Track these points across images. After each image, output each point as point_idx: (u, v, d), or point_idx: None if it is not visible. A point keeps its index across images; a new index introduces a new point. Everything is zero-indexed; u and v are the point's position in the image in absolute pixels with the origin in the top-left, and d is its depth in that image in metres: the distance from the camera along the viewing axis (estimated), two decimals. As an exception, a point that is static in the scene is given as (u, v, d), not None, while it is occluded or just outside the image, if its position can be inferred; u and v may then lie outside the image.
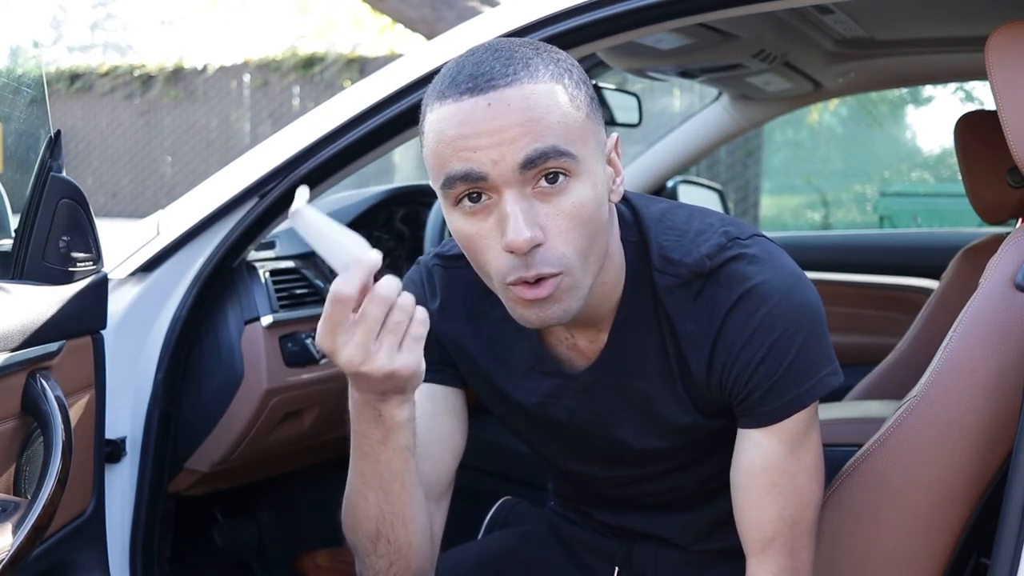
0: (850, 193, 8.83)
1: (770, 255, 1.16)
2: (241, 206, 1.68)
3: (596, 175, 1.07)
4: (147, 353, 1.70)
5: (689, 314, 1.16)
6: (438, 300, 1.28)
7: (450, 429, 1.27)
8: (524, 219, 1.03)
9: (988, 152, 1.68)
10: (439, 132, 1.05)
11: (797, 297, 1.14)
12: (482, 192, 1.05)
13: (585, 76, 1.10)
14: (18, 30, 1.53)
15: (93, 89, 12.36)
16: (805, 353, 1.14)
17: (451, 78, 1.06)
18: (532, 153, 1.02)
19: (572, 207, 1.05)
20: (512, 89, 1.02)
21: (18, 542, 1.12)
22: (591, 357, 1.23)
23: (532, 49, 1.07)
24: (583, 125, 1.06)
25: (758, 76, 2.48)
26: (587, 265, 1.08)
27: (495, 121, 1.02)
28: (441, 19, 5.24)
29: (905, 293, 2.80)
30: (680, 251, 1.17)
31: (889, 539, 1.32)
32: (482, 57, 1.05)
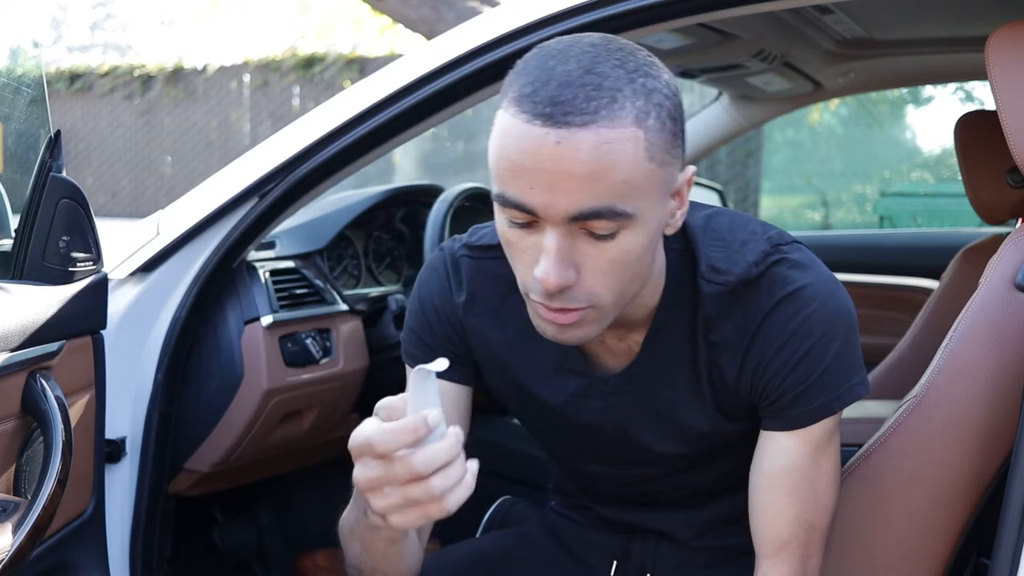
0: (850, 193, 8.83)
1: (811, 261, 1.17)
2: (241, 206, 1.68)
3: (652, 222, 1.03)
4: (147, 353, 1.70)
5: (728, 317, 1.16)
6: (464, 293, 1.26)
7: (461, 428, 1.28)
8: (559, 260, 1.00)
9: (988, 152, 1.68)
10: (503, 145, 1.00)
11: (836, 303, 1.14)
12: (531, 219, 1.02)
13: (677, 108, 1.03)
14: (18, 30, 1.53)
15: (93, 89, 12.36)
16: (840, 360, 1.14)
17: (533, 87, 0.98)
18: (586, 210, 0.98)
19: (617, 254, 1.02)
20: (587, 132, 0.96)
21: (18, 542, 1.12)
22: (621, 358, 1.22)
23: (627, 75, 0.98)
24: (651, 176, 1.00)
25: (758, 76, 2.48)
26: (619, 300, 1.07)
27: (558, 164, 0.96)
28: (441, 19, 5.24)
29: (905, 293, 2.80)
30: (728, 261, 1.16)
31: (889, 539, 1.32)
32: (570, 76, 0.97)
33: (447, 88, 1.58)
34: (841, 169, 9.10)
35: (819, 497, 1.19)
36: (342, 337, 1.98)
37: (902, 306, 2.70)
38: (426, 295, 1.28)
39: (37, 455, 1.22)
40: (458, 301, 1.26)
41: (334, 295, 2.03)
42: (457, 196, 2.22)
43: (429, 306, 1.28)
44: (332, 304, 2.00)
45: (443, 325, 1.27)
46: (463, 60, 1.56)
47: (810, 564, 1.20)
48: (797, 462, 1.17)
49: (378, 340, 2.08)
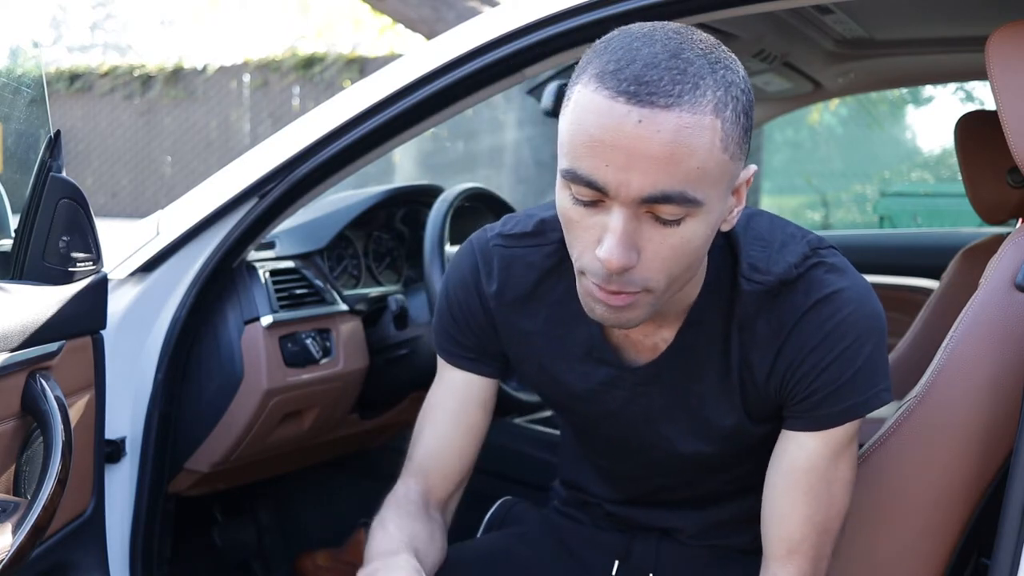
0: (850, 193, 8.84)
1: (847, 267, 1.19)
2: (241, 206, 1.68)
3: (715, 213, 1.04)
4: (147, 353, 1.70)
5: (765, 317, 1.17)
6: (495, 284, 1.27)
7: (478, 421, 1.33)
8: (623, 242, 1.00)
9: (988, 152, 1.68)
10: (581, 120, 1.00)
11: (870, 308, 1.16)
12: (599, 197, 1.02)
13: (751, 103, 1.05)
14: (18, 30, 1.53)
15: (93, 89, 12.36)
16: (870, 364, 1.15)
17: (617, 65, 0.98)
18: (658, 194, 0.98)
19: (680, 241, 1.03)
20: (669, 114, 0.96)
21: (18, 542, 1.12)
22: (647, 350, 1.23)
23: (709, 64, 1.00)
24: (722, 167, 1.01)
25: (758, 76, 2.48)
26: (672, 287, 1.07)
27: (638, 142, 0.96)
28: (441, 19, 5.24)
29: (905, 293, 2.80)
30: (768, 261, 1.17)
31: (889, 539, 1.32)
32: (657, 57, 0.98)
33: (447, 88, 1.58)
34: (841, 169, 9.11)
35: (834, 500, 1.19)
36: (342, 337, 1.98)
37: (902, 306, 2.70)
38: (451, 289, 1.32)
39: (37, 455, 1.22)
40: (488, 291, 1.28)
41: (334, 295, 2.03)
42: (457, 196, 2.22)
43: (454, 300, 1.31)
44: (332, 304, 2.00)
45: (467, 318, 1.30)
46: (463, 60, 1.56)
47: (820, 566, 1.21)
48: (817, 463, 1.18)
49: (378, 340, 2.08)
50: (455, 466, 1.32)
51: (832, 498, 1.19)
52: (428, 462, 1.32)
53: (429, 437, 1.33)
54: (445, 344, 1.33)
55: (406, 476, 1.33)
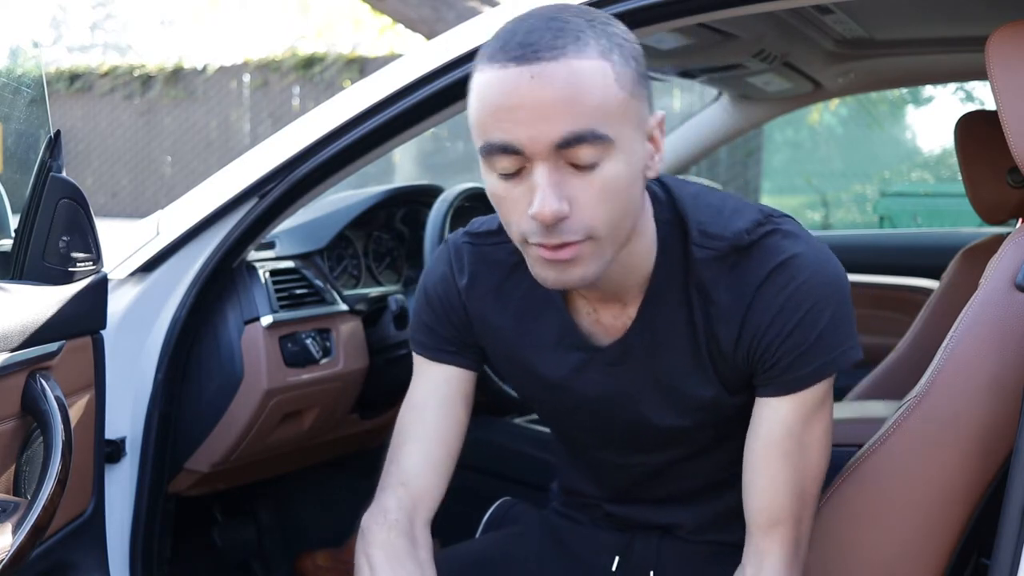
0: (850, 193, 8.83)
1: (802, 232, 1.21)
2: (241, 206, 1.68)
3: (632, 152, 1.08)
4: (147, 353, 1.69)
5: (724, 286, 1.19)
6: (466, 277, 1.31)
7: (462, 417, 1.34)
8: (552, 192, 1.05)
9: (988, 152, 1.68)
10: (482, 97, 1.06)
11: (828, 271, 1.18)
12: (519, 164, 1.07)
13: (638, 51, 1.10)
14: (18, 30, 1.53)
15: (93, 89, 12.36)
16: (834, 325, 1.17)
17: (502, 43, 1.06)
18: (568, 135, 1.03)
19: (604, 182, 1.06)
20: (558, 64, 1.02)
21: (18, 542, 1.12)
22: (617, 332, 1.25)
23: (586, 20, 1.06)
24: (624, 104, 1.06)
25: (758, 76, 2.48)
26: (614, 235, 1.10)
27: (537, 95, 1.02)
28: (441, 19, 5.24)
29: (905, 293, 2.80)
30: (718, 226, 1.19)
31: (889, 539, 1.32)
32: (535, 24, 1.05)
33: (447, 88, 1.58)
34: (841, 169, 9.11)
35: (810, 464, 1.22)
36: (342, 337, 1.98)
37: (902, 306, 2.70)
38: (429, 285, 1.35)
39: (37, 455, 1.22)
40: (460, 285, 1.31)
41: (334, 295, 2.03)
42: (457, 196, 2.22)
43: (432, 294, 1.34)
44: (332, 304, 2.00)
45: (446, 311, 1.33)
46: (463, 60, 1.56)
47: (802, 527, 1.23)
48: (792, 427, 1.20)
49: (378, 340, 2.08)
50: (443, 473, 1.32)
51: (809, 461, 1.21)
52: (416, 471, 1.31)
53: (415, 443, 1.31)
54: (425, 339, 1.34)
55: (391, 488, 1.31)
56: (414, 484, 1.30)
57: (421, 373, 1.35)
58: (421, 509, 1.30)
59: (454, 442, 1.33)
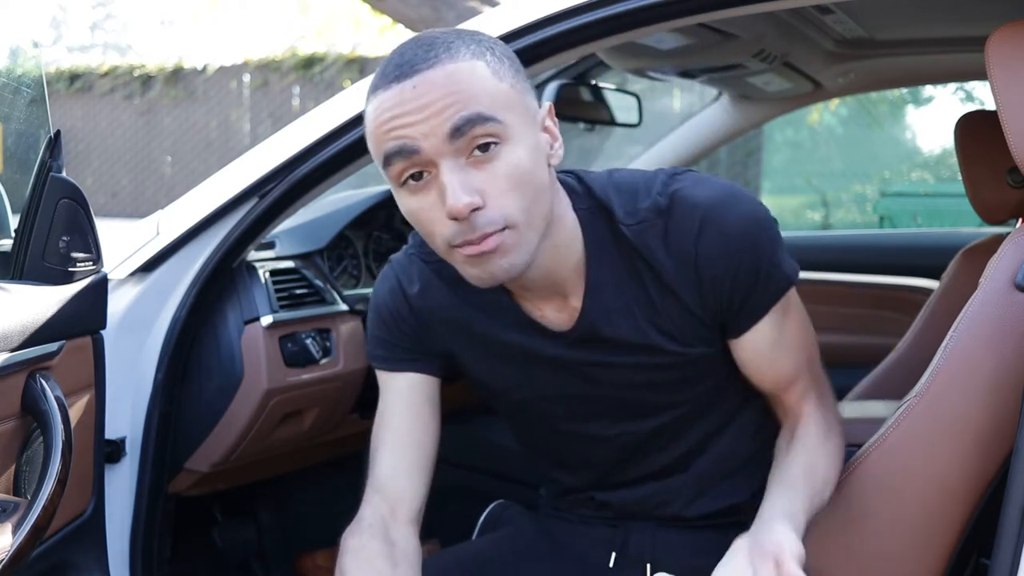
0: (850, 193, 8.82)
1: (706, 177, 1.27)
2: (241, 206, 1.68)
3: (528, 139, 1.14)
4: (147, 353, 1.69)
5: (664, 252, 1.24)
6: (418, 283, 1.35)
7: (428, 418, 1.36)
8: (461, 186, 1.10)
9: (988, 152, 1.68)
10: (374, 120, 1.13)
11: (746, 200, 1.25)
12: (422, 169, 1.12)
13: (510, 53, 1.18)
14: (18, 30, 1.53)
15: (93, 89, 12.36)
16: (771, 248, 1.25)
17: (380, 72, 1.14)
18: (459, 121, 1.09)
19: (507, 169, 1.12)
20: (434, 70, 1.10)
21: (18, 542, 1.12)
22: (566, 323, 1.29)
23: (454, 34, 1.15)
24: (508, 94, 1.13)
25: (758, 76, 2.48)
26: (530, 221, 1.14)
27: (421, 99, 1.10)
28: (441, 19, 5.24)
29: (905, 293, 2.80)
30: (636, 199, 1.25)
31: (889, 539, 1.32)
32: (405, 48, 1.14)
33: (447, 88, 1.58)
34: (841, 169, 9.10)
35: (802, 341, 1.33)
36: (342, 337, 1.98)
37: (902, 306, 2.70)
38: (379, 302, 1.39)
39: (37, 455, 1.22)
40: (411, 292, 1.35)
41: (334, 295, 2.03)
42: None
43: (383, 309, 1.38)
44: (332, 304, 2.00)
45: (396, 322, 1.37)
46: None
47: (821, 380, 1.36)
48: (775, 335, 1.30)
49: (378, 340, 2.07)
50: (418, 475, 1.34)
51: (799, 342, 1.32)
52: (388, 476, 1.34)
53: (387, 453, 1.35)
54: (382, 353, 1.38)
55: (370, 496, 1.34)
56: (388, 488, 1.32)
57: (384, 387, 1.38)
58: (399, 512, 1.31)
59: (426, 445, 1.35)
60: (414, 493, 1.33)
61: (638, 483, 1.40)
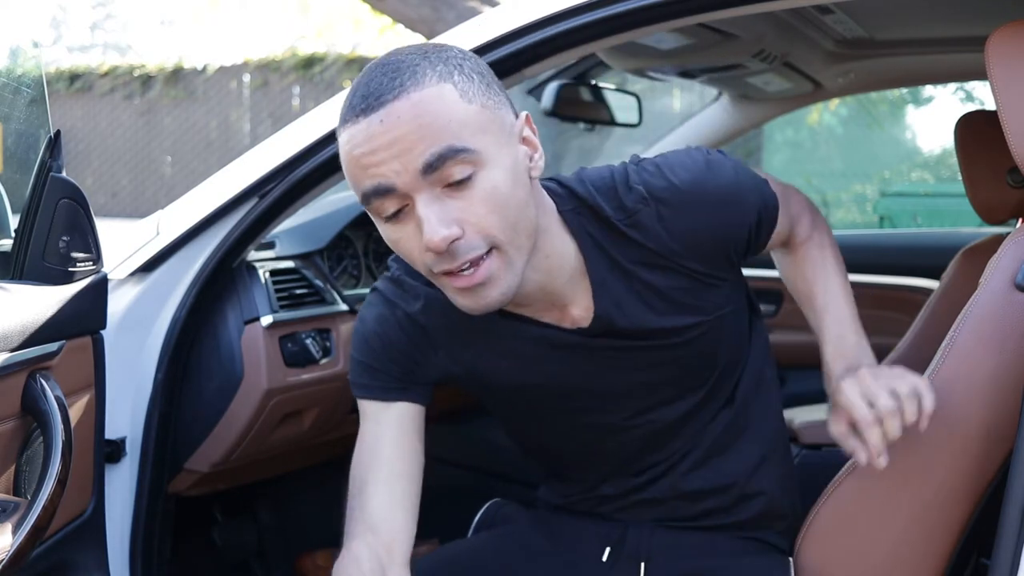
0: (850, 193, 8.82)
1: (661, 160, 1.28)
2: (241, 206, 1.68)
3: (505, 159, 1.12)
4: (147, 353, 1.69)
5: (666, 235, 1.25)
6: (418, 301, 1.31)
7: (418, 449, 1.33)
8: (436, 220, 1.08)
9: (988, 152, 1.68)
10: (347, 155, 1.11)
11: (722, 172, 1.27)
12: (400, 206, 1.10)
13: (480, 67, 1.14)
14: (18, 30, 1.53)
15: (93, 89, 12.36)
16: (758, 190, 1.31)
17: (348, 102, 1.12)
18: (430, 157, 1.07)
19: (484, 194, 1.10)
20: (400, 101, 1.07)
21: (18, 542, 1.12)
22: (574, 324, 1.28)
23: (420, 55, 1.12)
24: (479, 116, 1.10)
25: (758, 76, 2.48)
26: (515, 240, 1.13)
27: (390, 134, 1.07)
28: (441, 19, 5.24)
29: (905, 293, 2.80)
30: (619, 195, 1.25)
31: (889, 539, 1.32)
32: (372, 75, 1.11)
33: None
34: (841, 169, 9.10)
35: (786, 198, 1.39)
36: (342, 337, 1.98)
37: (902, 306, 2.69)
38: (366, 329, 1.33)
39: (37, 455, 1.22)
40: (413, 310, 1.31)
41: (334, 295, 2.03)
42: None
43: (372, 335, 1.32)
44: (332, 304, 2.00)
45: (386, 348, 1.31)
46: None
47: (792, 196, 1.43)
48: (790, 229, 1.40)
49: (378, 340, 2.07)
50: (411, 511, 1.29)
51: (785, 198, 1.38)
52: (383, 515, 1.28)
53: (380, 487, 1.28)
54: (369, 382, 1.32)
55: (362, 533, 1.27)
56: (384, 528, 1.27)
57: (369, 416, 1.32)
58: (396, 553, 1.27)
59: (416, 478, 1.31)
60: (408, 532, 1.28)
61: (649, 469, 1.39)
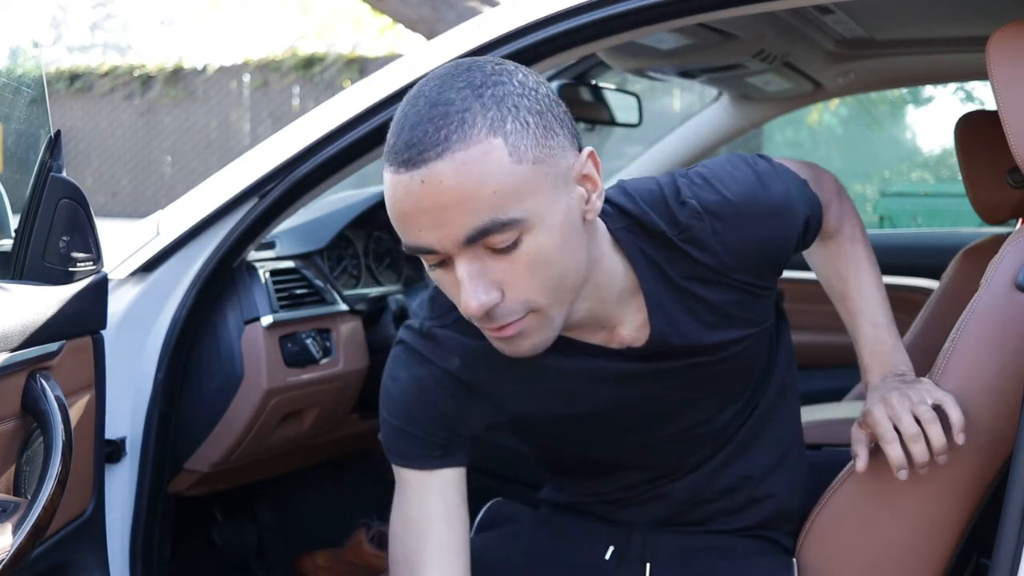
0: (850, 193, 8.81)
1: (707, 172, 1.25)
2: (241, 206, 1.68)
3: (553, 217, 1.05)
4: (147, 353, 1.69)
5: (721, 248, 1.22)
6: (458, 355, 1.23)
7: (464, 514, 1.27)
8: (474, 285, 1.04)
9: (988, 152, 1.68)
10: (390, 200, 1.06)
11: (774, 186, 1.25)
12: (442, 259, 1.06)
13: (540, 102, 1.05)
14: (18, 30, 1.53)
15: (93, 89, 12.36)
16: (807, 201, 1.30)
17: (393, 140, 1.04)
18: (472, 232, 1.02)
19: (528, 258, 1.05)
20: (443, 162, 1.00)
21: (18, 542, 1.12)
22: (623, 344, 1.24)
23: (473, 91, 1.02)
24: (525, 177, 1.02)
25: (758, 76, 2.48)
26: (558, 298, 1.09)
27: (431, 199, 1.01)
28: (441, 19, 5.24)
29: (905, 293, 2.80)
30: (671, 210, 1.21)
31: (889, 539, 1.32)
32: (419, 116, 1.02)
33: (447, 88, 1.58)
34: (841, 169, 9.09)
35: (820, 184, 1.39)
36: (342, 337, 1.98)
37: (902, 306, 2.68)
38: (400, 393, 1.25)
39: (37, 455, 1.22)
40: (453, 368, 1.24)
41: (334, 295, 2.03)
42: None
43: (410, 398, 1.25)
44: (332, 304, 2.00)
45: (427, 411, 1.24)
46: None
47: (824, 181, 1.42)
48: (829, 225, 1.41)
49: (378, 340, 2.07)
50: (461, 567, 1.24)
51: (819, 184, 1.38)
52: None
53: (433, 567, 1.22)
54: (410, 450, 1.25)
55: None
56: None
57: (410, 487, 1.25)
58: None
59: (467, 546, 1.26)
60: None
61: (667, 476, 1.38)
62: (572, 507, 1.46)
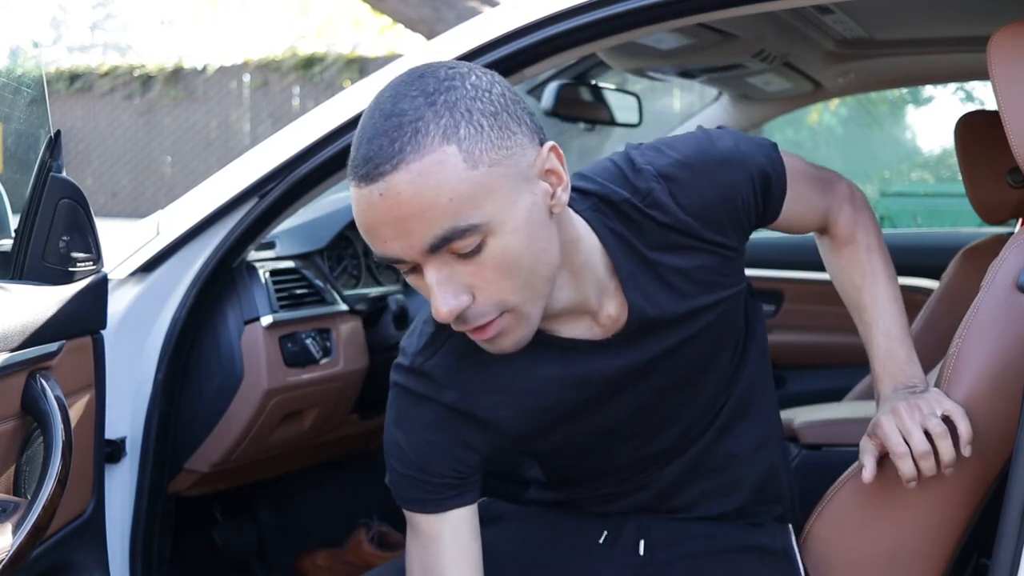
0: (850, 193, 8.81)
1: (657, 143, 1.27)
2: (241, 206, 1.68)
3: (516, 217, 1.05)
4: (147, 353, 1.69)
5: (680, 211, 1.22)
6: (453, 388, 1.23)
7: (479, 551, 1.27)
8: (443, 291, 1.05)
9: (988, 152, 1.68)
10: (355, 214, 1.07)
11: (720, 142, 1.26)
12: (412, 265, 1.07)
13: (495, 103, 1.05)
14: (18, 30, 1.53)
15: (93, 89, 12.37)
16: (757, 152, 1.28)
17: (353, 155, 1.05)
18: (434, 241, 1.03)
19: (495, 260, 1.05)
20: (399, 175, 1.00)
21: (18, 542, 1.12)
22: (611, 327, 1.24)
23: (426, 99, 1.03)
24: (484, 180, 1.02)
25: (758, 76, 2.48)
26: (531, 295, 1.10)
27: (390, 212, 1.02)
28: (441, 19, 5.24)
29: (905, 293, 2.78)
30: (628, 181, 1.22)
31: (889, 540, 1.32)
32: (376, 129, 1.03)
33: (447, 88, 1.58)
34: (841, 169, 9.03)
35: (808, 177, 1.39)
36: (342, 337, 1.98)
37: (902, 306, 2.69)
38: (411, 436, 1.24)
39: (37, 455, 1.22)
40: (450, 400, 1.23)
41: (334, 295, 2.03)
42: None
43: (419, 443, 1.24)
44: (332, 304, 2.00)
45: (435, 453, 1.23)
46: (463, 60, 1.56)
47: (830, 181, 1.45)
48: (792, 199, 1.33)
49: (378, 340, 2.08)
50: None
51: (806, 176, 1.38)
52: None
53: None
54: (422, 496, 1.24)
55: None
56: None
57: (422, 532, 1.25)
58: None
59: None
60: None
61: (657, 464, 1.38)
62: (562, 504, 1.46)
